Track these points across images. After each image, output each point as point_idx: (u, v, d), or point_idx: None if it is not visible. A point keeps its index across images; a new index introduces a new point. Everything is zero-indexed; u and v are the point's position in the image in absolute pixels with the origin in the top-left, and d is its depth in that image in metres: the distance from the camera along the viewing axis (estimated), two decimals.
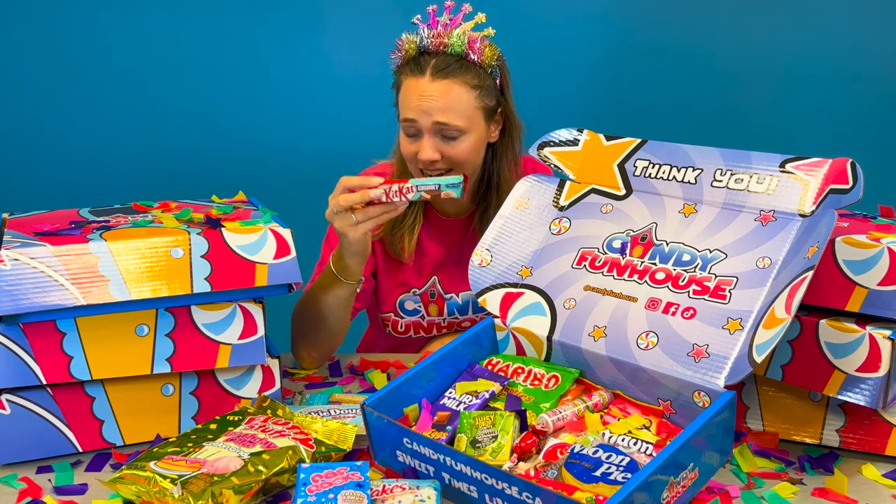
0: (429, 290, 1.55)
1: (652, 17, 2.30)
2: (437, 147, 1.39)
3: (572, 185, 1.26)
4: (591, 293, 1.14)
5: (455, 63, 1.38)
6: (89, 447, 1.15)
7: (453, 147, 1.39)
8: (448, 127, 1.37)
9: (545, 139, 1.29)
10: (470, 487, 0.95)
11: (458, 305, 1.57)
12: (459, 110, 1.38)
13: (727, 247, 1.10)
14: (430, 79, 1.37)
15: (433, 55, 1.39)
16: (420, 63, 1.39)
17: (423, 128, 1.38)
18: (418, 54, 1.40)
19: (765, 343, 0.98)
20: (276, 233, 1.17)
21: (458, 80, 1.38)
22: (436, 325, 1.58)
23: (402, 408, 1.09)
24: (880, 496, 1.04)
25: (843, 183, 1.06)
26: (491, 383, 1.12)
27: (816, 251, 0.99)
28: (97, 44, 2.23)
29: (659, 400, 1.07)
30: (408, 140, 1.41)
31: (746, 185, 1.13)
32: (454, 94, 1.37)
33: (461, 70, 1.38)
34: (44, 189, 2.22)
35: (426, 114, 1.37)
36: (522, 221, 1.26)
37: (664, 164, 1.20)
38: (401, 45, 1.42)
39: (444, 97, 1.37)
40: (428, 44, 1.39)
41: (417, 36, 1.40)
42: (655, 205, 1.18)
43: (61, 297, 1.08)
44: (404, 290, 1.55)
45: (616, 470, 0.95)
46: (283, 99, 2.31)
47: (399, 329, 1.58)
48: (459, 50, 1.39)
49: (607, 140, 1.27)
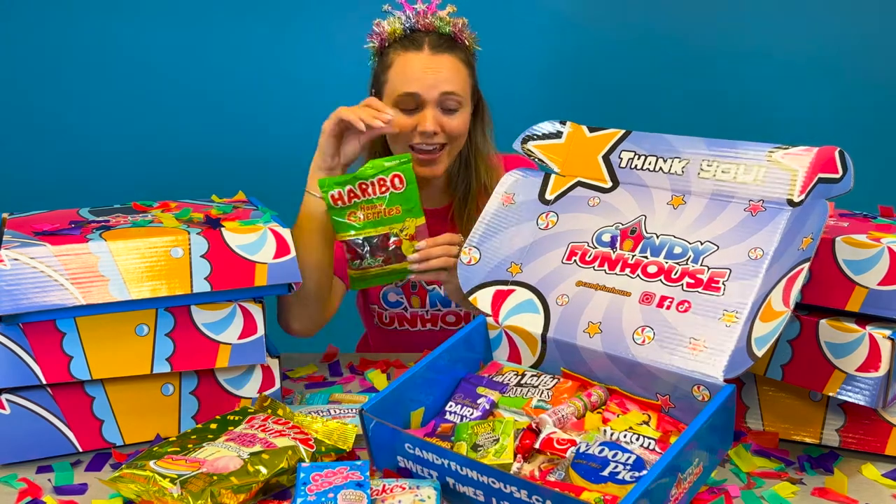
0: (409, 282, 1.56)
1: (632, 10, 2.29)
2: (437, 119, 1.42)
3: (557, 179, 1.26)
4: (583, 289, 1.14)
5: (449, 40, 1.45)
6: (89, 447, 1.15)
7: (452, 119, 1.44)
8: (452, 97, 1.42)
9: (528, 133, 1.29)
10: (476, 492, 0.94)
11: (441, 297, 1.58)
12: (460, 82, 1.44)
13: (718, 238, 1.10)
14: (431, 52, 1.43)
15: (426, 33, 1.44)
16: (415, 39, 1.44)
17: (426, 100, 1.42)
18: (410, 32, 1.45)
19: (764, 336, 0.98)
20: (275, 233, 1.17)
21: (456, 56, 1.44)
22: (419, 317, 1.59)
23: (400, 412, 1.08)
24: (880, 496, 1.04)
25: (833, 172, 1.05)
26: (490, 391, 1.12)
27: (811, 242, 0.99)
28: (97, 44, 2.23)
29: (657, 395, 1.06)
30: (403, 115, 1.43)
31: (734, 175, 1.13)
32: (455, 66, 1.44)
33: (455, 47, 1.45)
34: (44, 189, 2.21)
35: (432, 87, 1.41)
36: (509, 217, 1.25)
37: (650, 155, 1.19)
38: (382, 27, 1.46)
39: (448, 69, 1.42)
40: (415, 23, 1.45)
41: (397, 19, 1.45)
42: (643, 197, 1.18)
43: (61, 296, 1.08)
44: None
45: (623, 469, 0.94)
46: (283, 99, 2.31)
47: (385, 320, 1.61)
48: (447, 31, 1.45)
49: (590, 132, 1.26)
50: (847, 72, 2.28)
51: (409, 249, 1.30)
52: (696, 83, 2.30)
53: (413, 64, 1.42)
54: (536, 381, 1.12)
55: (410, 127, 1.43)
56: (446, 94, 1.42)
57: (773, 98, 2.31)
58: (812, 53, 2.27)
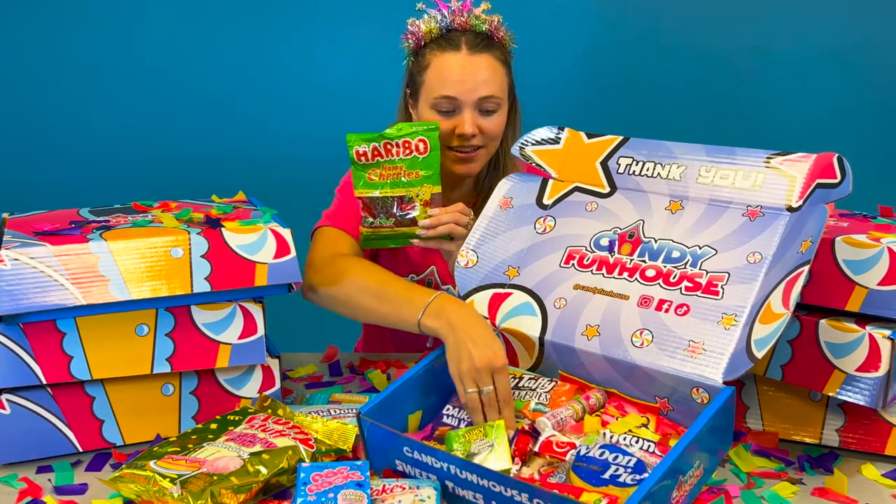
0: (426, 279, 1.55)
1: (632, 12, 2.29)
2: (475, 121, 1.40)
3: (555, 184, 1.26)
4: (581, 292, 1.14)
5: (486, 39, 1.41)
6: (89, 447, 1.15)
7: (490, 121, 1.41)
8: (491, 100, 1.40)
9: (526, 138, 1.30)
10: (475, 495, 0.94)
11: (455, 296, 1.56)
12: (498, 83, 1.41)
13: (716, 243, 1.10)
14: (469, 53, 1.39)
15: (462, 32, 1.41)
16: (451, 39, 1.40)
17: (464, 103, 1.39)
18: (446, 31, 1.41)
19: (764, 338, 0.98)
20: (275, 232, 1.17)
21: (493, 55, 1.40)
22: None
23: (398, 415, 1.08)
24: (880, 496, 1.04)
25: (831, 177, 1.06)
26: None
27: (811, 246, 0.99)
28: (97, 44, 2.24)
29: (656, 397, 1.06)
30: (440, 117, 1.40)
31: (732, 181, 1.13)
32: (493, 67, 1.40)
33: (493, 46, 1.41)
34: (44, 189, 2.21)
35: (471, 91, 1.38)
36: (507, 221, 1.25)
37: (648, 160, 1.20)
38: (417, 26, 1.43)
39: (486, 70, 1.39)
40: (451, 22, 1.41)
41: (433, 18, 1.42)
42: (641, 202, 1.18)
43: (61, 296, 1.08)
44: (403, 274, 1.55)
45: (624, 472, 0.94)
46: (283, 99, 2.31)
47: None
48: (483, 29, 1.41)
49: (588, 138, 1.27)
50: (847, 72, 2.28)
51: (421, 215, 1.31)
52: (697, 83, 2.31)
53: (451, 65, 1.38)
54: (534, 383, 1.12)
55: (448, 130, 1.40)
56: (485, 98, 1.39)
57: (774, 98, 2.31)
58: (813, 53, 2.27)
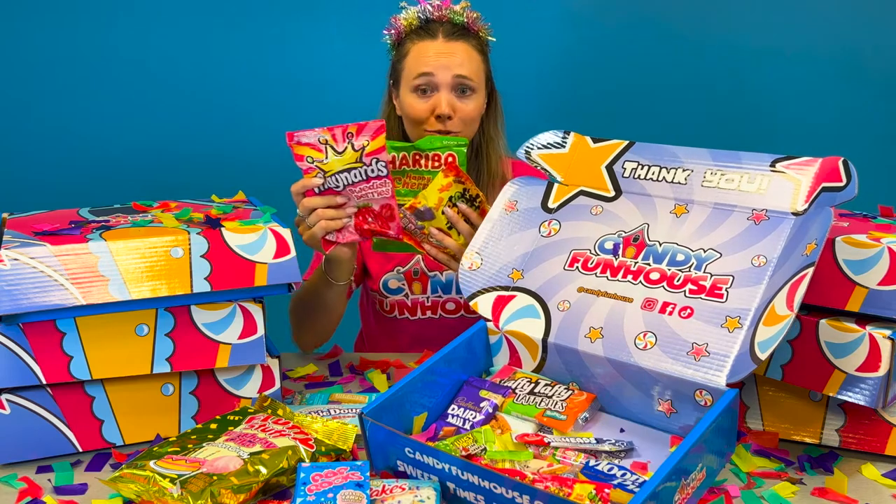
0: (412, 268, 1.59)
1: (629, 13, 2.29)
2: (451, 102, 1.46)
3: (560, 188, 1.26)
4: (585, 294, 1.14)
5: (462, 29, 1.50)
6: (89, 447, 1.15)
7: (466, 104, 1.47)
8: (466, 80, 1.46)
9: (531, 142, 1.31)
10: (477, 496, 0.94)
11: (442, 283, 1.59)
12: (474, 68, 1.49)
13: (721, 246, 1.10)
14: (445, 40, 1.48)
15: (440, 23, 1.49)
16: (429, 29, 1.49)
17: (440, 83, 1.46)
18: (424, 22, 1.50)
19: (767, 340, 0.98)
20: (275, 232, 1.17)
21: (469, 43, 1.49)
22: (420, 304, 1.60)
23: (400, 416, 1.07)
24: (880, 496, 1.04)
25: (837, 181, 1.06)
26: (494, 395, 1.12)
27: (815, 248, 0.99)
28: (97, 44, 2.23)
29: (659, 400, 1.06)
30: (419, 99, 1.48)
31: (737, 184, 1.13)
32: (468, 52, 1.48)
33: (469, 36, 1.50)
34: (44, 189, 2.21)
35: (446, 68, 1.46)
36: (511, 224, 1.26)
37: (653, 165, 1.20)
38: (398, 20, 1.52)
39: (462, 54, 1.47)
40: (430, 14, 1.49)
41: (413, 12, 1.50)
42: (646, 206, 1.18)
43: (61, 296, 1.08)
44: (389, 267, 1.59)
45: (633, 485, 0.94)
46: (283, 99, 2.30)
47: (385, 308, 1.62)
48: (461, 21, 1.49)
49: (594, 142, 1.27)
50: (847, 72, 2.28)
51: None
52: (699, 83, 2.30)
53: (427, 50, 1.47)
54: (550, 390, 1.12)
55: (426, 112, 1.47)
56: (460, 77, 1.46)
57: (775, 97, 2.31)
58: (816, 53, 2.27)
